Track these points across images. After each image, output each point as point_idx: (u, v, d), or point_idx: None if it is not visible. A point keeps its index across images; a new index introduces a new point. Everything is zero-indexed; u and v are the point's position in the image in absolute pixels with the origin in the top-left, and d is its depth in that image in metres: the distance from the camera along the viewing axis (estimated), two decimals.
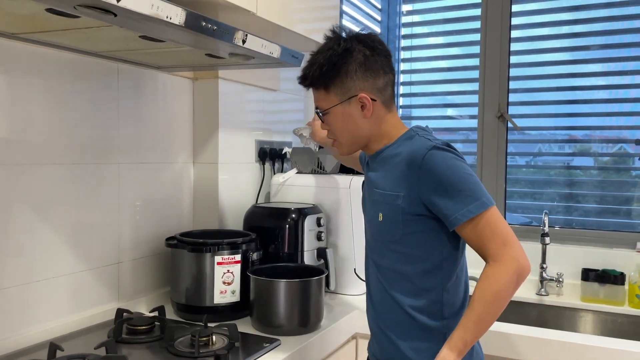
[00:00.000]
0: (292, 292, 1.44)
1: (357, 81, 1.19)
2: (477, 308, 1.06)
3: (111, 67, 1.52)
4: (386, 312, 1.22)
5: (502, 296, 1.06)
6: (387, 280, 1.21)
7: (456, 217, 1.08)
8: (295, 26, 1.71)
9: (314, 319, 1.46)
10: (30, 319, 1.33)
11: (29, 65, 1.30)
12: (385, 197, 1.18)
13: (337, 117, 1.23)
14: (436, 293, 1.16)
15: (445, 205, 1.09)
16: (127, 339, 1.34)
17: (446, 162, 1.10)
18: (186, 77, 1.81)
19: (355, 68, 1.19)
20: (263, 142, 2.06)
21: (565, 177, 2.22)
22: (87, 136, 1.46)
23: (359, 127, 1.23)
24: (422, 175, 1.11)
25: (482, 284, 1.07)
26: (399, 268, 1.18)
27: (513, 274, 1.06)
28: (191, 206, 1.86)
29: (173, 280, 1.59)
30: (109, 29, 1.11)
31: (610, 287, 1.87)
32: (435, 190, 1.10)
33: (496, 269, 1.07)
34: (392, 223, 1.17)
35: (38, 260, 1.34)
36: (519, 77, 2.25)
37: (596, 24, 2.16)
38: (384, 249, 1.20)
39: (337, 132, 1.26)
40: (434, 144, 1.12)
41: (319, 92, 1.24)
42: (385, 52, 1.22)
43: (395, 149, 1.21)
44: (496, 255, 1.07)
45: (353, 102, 1.20)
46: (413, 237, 1.15)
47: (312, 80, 1.23)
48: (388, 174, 1.19)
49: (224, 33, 1.19)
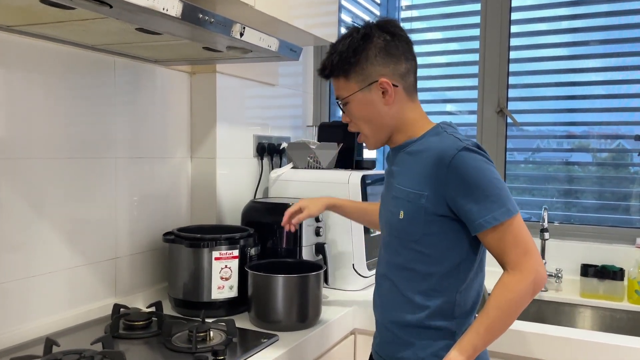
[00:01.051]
0: (291, 288, 1.43)
1: (378, 66, 1.16)
2: (492, 315, 1.05)
3: (108, 61, 1.51)
4: (394, 310, 1.19)
5: (518, 305, 1.06)
6: (399, 278, 1.18)
7: (480, 223, 1.07)
8: (294, 20, 1.70)
9: (312, 315, 1.46)
10: (27, 314, 1.32)
11: (25, 59, 1.29)
12: (408, 195, 1.14)
13: (358, 105, 1.19)
14: (449, 294, 1.14)
15: (470, 209, 1.07)
16: (124, 335, 1.34)
17: (475, 164, 1.08)
18: (184, 71, 1.80)
19: (375, 53, 1.16)
20: (261, 137, 2.05)
21: (563, 173, 2.21)
22: (84, 130, 1.45)
23: (381, 115, 1.19)
24: (449, 177, 1.08)
25: (499, 292, 1.06)
26: (415, 267, 1.15)
27: (531, 284, 1.05)
28: (189, 201, 1.85)
29: (170, 276, 1.58)
30: (105, 21, 1.10)
31: (610, 283, 1.87)
32: (461, 192, 1.07)
33: (515, 277, 1.06)
34: (413, 222, 1.13)
35: (34, 255, 1.33)
36: (518, 72, 2.24)
37: (595, 19, 2.15)
38: (401, 247, 1.17)
39: (359, 123, 1.22)
40: (464, 145, 1.08)
41: (339, 81, 1.20)
42: (406, 39, 1.19)
43: (420, 144, 1.17)
44: (516, 264, 1.06)
45: (374, 88, 1.17)
46: (433, 238, 1.13)
47: (332, 69, 1.19)
48: (412, 170, 1.16)
49: (221, 25, 1.18)
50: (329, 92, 2.54)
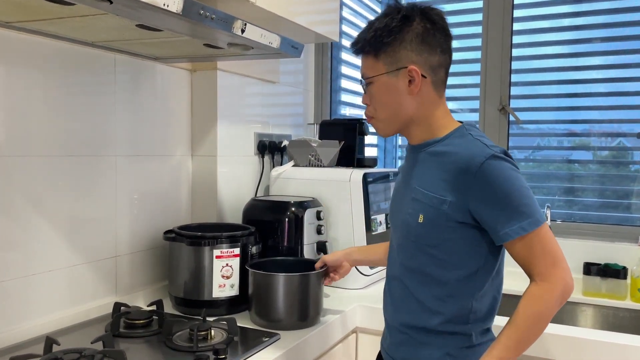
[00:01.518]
0: (292, 286, 1.42)
1: (410, 53, 1.11)
2: (521, 328, 1.04)
3: (108, 58, 1.50)
4: (407, 313, 1.17)
5: (547, 317, 1.05)
6: (414, 282, 1.15)
7: (506, 233, 1.04)
8: (295, 17, 1.69)
9: (313, 313, 1.45)
10: (27, 313, 1.31)
11: (24, 55, 1.28)
12: (430, 199, 1.10)
13: (381, 88, 1.14)
14: (466, 300, 1.11)
15: (496, 219, 1.04)
16: (125, 333, 1.33)
17: (504, 173, 1.04)
18: (184, 68, 1.79)
19: (411, 38, 1.10)
20: (262, 135, 2.04)
21: (564, 171, 2.20)
22: (84, 128, 1.44)
23: (402, 103, 1.14)
24: (476, 185, 1.04)
25: (528, 304, 1.04)
26: (431, 272, 1.12)
27: (559, 296, 1.04)
28: (189, 199, 1.84)
29: (171, 274, 1.57)
30: (105, 17, 1.09)
31: (612, 281, 1.86)
32: (487, 201, 1.04)
33: (543, 289, 1.04)
34: (433, 227, 1.10)
35: (34, 253, 1.32)
36: (520, 70, 2.23)
37: (598, 17, 2.14)
38: (417, 250, 1.14)
39: (377, 106, 1.16)
40: (492, 152, 1.05)
41: (367, 59, 1.15)
42: (446, 31, 1.15)
43: (444, 146, 1.13)
44: (544, 275, 1.04)
45: (401, 74, 1.12)
46: (452, 244, 1.09)
47: (363, 44, 1.14)
48: (434, 173, 1.12)
49: (222, 22, 1.17)
50: (330, 90, 2.53)
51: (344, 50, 2.55)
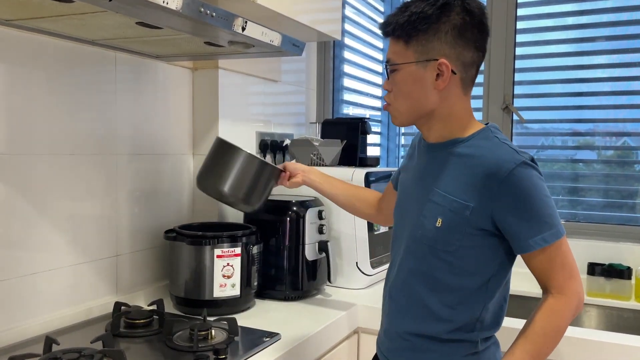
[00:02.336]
0: (249, 166, 1.32)
1: (444, 45, 1.04)
2: (539, 342, 1.02)
3: (109, 56, 1.49)
4: (414, 320, 1.12)
5: (563, 331, 1.03)
6: (423, 288, 1.11)
7: (529, 244, 1.01)
8: (297, 15, 1.68)
9: (255, 200, 1.35)
10: (27, 312, 1.30)
11: (25, 54, 1.28)
12: (451, 204, 1.05)
13: (407, 77, 1.08)
14: (476, 309, 1.08)
15: (519, 228, 1.02)
16: (125, 333, 1.32)
17: (532, 182, 1.01)
18: (185, 67, 1.78)
19: (447, 29, 1.03)
20: (264, 134, 2.04)
21: (568, 171, 2.19)
22: (85, 127, 1.43)
23: (426, 97, 1.08)
24: (502, 191, 1.01)
25: (545, 318, 1.03)
26: (443, 278, 1.08)
27: (575, 309, 1.03)
28: (191, 198, 1.83)
29: (172, 274, 1.56)
30: (105, 15, 1.08)
31: (617, 282, 1.85)
32: (513, 210, 1.01)
33: (561, 302, 1.03)
34: (452, 232, 1.05)
35: (35, 252, 1.32)
36: (524, 69, 2.22)
37: (602, 15, 2.12)
38: (431, 255, 1.09)
39: (398, 95, 1.10)
40: (522, 159, 1.01)
41: (397, 44, 1.07)
42: (485, 28, 1.08)
43: (468, 147, 1.08)
44: (561, 287, 1.03)
45: (430, 66, 1.05)
46: (470, 251, 1.06)
47: (395, 27, 1.06)
48: (456, 175, 1.07)
49: (222, 19, 1.16)
50: (333, 89, 2.52)
51: (346, 49, 2.53)
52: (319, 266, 1.73)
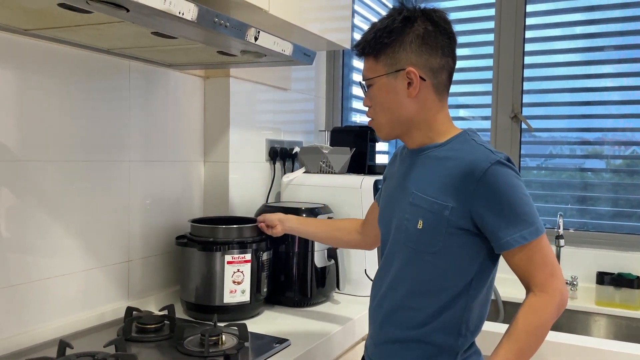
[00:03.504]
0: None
1: (410, 54, 1.09)
2: (522, 340, 1.03)
3: (123, 65, 1.52)
4: (398, 324, 1.13)
5: (547, 329, 1.04)
6: (408, 291, 1.12)
7: (508, 241, 1.03)
8: (307, 25, 1.70)
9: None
10: (41, 316, 1.32)
11: (41, 62, 1.30)
12: (431, 205, 1.07)
13: (381, 89, 1.13)
14: (458, 311, 1.09)
15: (498, 226, 1.03)
16: (137, 338, 1.34)
17: (508, 180, 1.03)
18: (197, 75, 1.81)
19: (411, 39, 1.09)
20: (274, 142, 2.05)
21: (577, 179, 2.19)
22: (98, 133, 1.46)
23: (402, 106, 1.12)
24: (479, 190, 1.03)
25: (527, 316, 1.04)
26: (427, 279, 1.09)
27: (557, 307, 1.04)
28: (201, 205, 1.85)
29: (183, 279, 1.58)
30: (121, 25, 1.10)
31: (626, 291, 1.84)
32: (490, 208, 1.03)
33: (542, 300, 1.04)
34: (433, 233, 1.07)
35: (48, 257, 1.34)
36: (532, 78, 2.23)
37: (610, 25, 2.13)
38: (416, 257, 1.11)
39: (377, 108, 1.15)
40: (497, 158, 1.04)
41: (368, 60, 1.14)
42: (449, 33, 1.12)
43: (445, 151, 1.11)
44: (542, 285, 1.04)
45: (400, 76, 1.10)
46: (451, 251, 1.07)
47: (364, 46, 1.13)
48: (435, 178, 1.09)
49: (236, 29, 1.18)
50: (342, 97, 2.53)
51: (355, 57, 2.55)
52: (328, 273, 1.74)
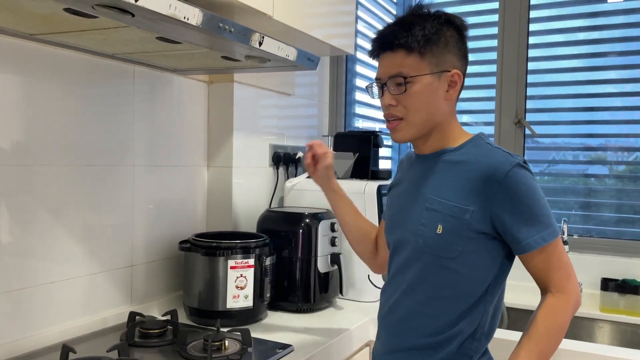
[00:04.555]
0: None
1: (453, 57, 1.10)
2: (543, 341, 1.04)
3: (127, 70, 1.52)
4: (413, 331, 1.12)
5: (564, 330, 1.05)
6: (425, 297, 1.11)
7: (529, 243, 1.04)
8: (311, 30, 1.70)
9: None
10: (44, 320, 1.32)
11: (45, 67, 1.31)
12: (451, 209, 1.07)
13: (424, 89, 1.08)
14: (477, 315, 1.09)
15: (518, 229, 1.04)
16: (140, 343, 1.34)
17: (528, 182, 1.04)
18: (201, 80, 1.81)
19: (453, 42, 1.10)
20: (277, 147, 2.06)
21: (580, 185, 2.18)
22: (102, 138, 1.46)
23: (438, 108, 1.11)
24: (500, 193, 1.03)
25: (548, 317, 1.05)
26: (446, 285, 1.09)
27: (573, 307, 1.06)
28: (205, 210, 1.85)
29: (186, 284, 1.58)
30: (127, 30, 1.11)
31: (630, 297, 1.84)
32: (511, 211, 1.03)
33: (561, 301, 1.05)
34: (453, 238, 1.06)
35: (51, 262, 1.34)
36: (536, 83, 2.23)
37: (614, 31, 2.13)
38: (434, 264, 1.09)
39: (412, 109, 1.09)
40: (517, 161, 1.04)
41: (410, 56, 1.07)
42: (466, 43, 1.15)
43: (460, 155, 1.11)
44: (560, 286, 1.06)
45: (443, 77, 1.09)
46: (471, 256, 1.07)
47: (411, 41, 1.06)
48: (453, 182, 1.09)
49: (240, 35, 1.19)
50: (345, 102, 2.54)
51: (359, 63, 2.56)
52: (331, 278, 1.73)
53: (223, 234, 1.67)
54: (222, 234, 1.67)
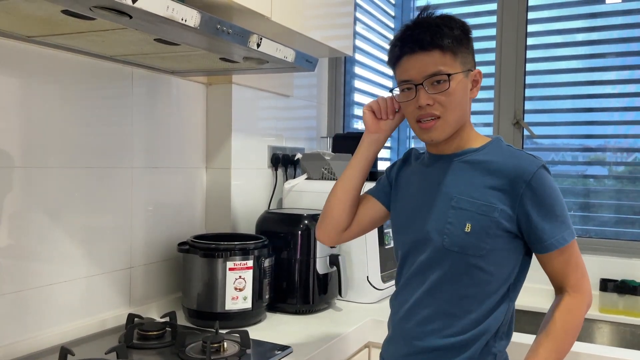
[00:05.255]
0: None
1: (473, 58, 1.15)
2: (560, 339, 1.07)
3: (126, 72, 1.52)
4: (437, 331, 1.11)
5: (580, 328, 1.09)
6: (450, 296, 1.11)
7: (552, 243, 1.07)
8: (309, 32, 1.70)
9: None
10: (42, 323, 1.32)
11: (44, 69, 1.31)
12: (479, 207, 1.08)
13: (459, 87, 1.10)
14: (501, 313, 1.11)
15: (542, 228, 1.07)
16: (138, 345, 1.33)
17: (552, 184, 1.09)
18: (200, 82, 1.81)
19: (471, 44, 1.15)
20: (276, 148, 2.06)
21: (579, 186, 2.18)
22: (101, 140, 1.46)
23: (467, 106, 1.15)
24: (527, 193, 1.06)
25: (565, 316, 1.08)
26: (473, 284, 1.09)
27: (587, 307, 1.11)
28: (203, 211, 1.85)
29: (185, 286, 1.58)
30: (124, 32, 1.11)
31: (630, 298, 1.83)
32: (537, 210, 1.07)
33: (577, 300, 1.09)
34: (482, 236, 1.07)
35: (50, 264, 1.33)
36: (534, 84, 2.23)
37: (612, 32, 2.13)
38: (461, 261, 1.09)
39: (450, 106, 1.10)
40: (542, 163, 1.09)
41: (446, 55, 1.08)
42: None
43: (483, 155, 1.13)
44: (576, 286, 1.10)
45: (471, 76, 1.13)
46: (498, 255, 1.09)
47: (450, 39, 1.08)
48: (479, 181, 1.10)
49: (238, 36, 1.19)
50: (344, 103, 2.54)
51: (357, 64, 2.56)
52: (330, 280, 1.73)
53: (222, 235, 1.67)
54: (221, 235, 1.67)
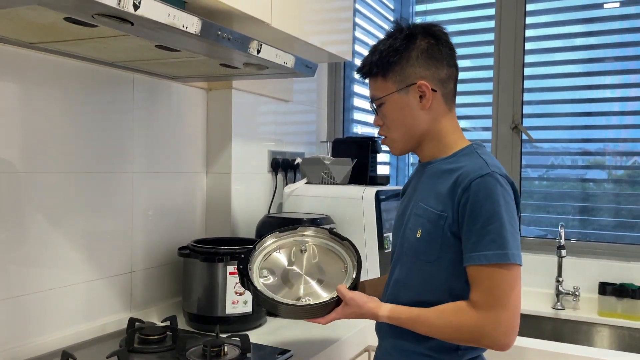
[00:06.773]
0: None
1: (418, 68, 1.12)
2: (430, 320, 1.05)
3: (126, 77, 1.53)
4: (398, 335, 1.14)
5: (450, 333, 1.04)
6: (408, 300, 1.12)
7: (471, 256, 1.02)
8: (309, 37, 1.72)
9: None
10: (43, 327, 1.32)
11: (45, 75, 1.32)
12: (429, 215, 1.09)
13: (394, 107, 1.14)
14: None
15: (467, 238, 1.03)
16: (139, 349, 1.34)
17: (491, 192, 1.01)
18: (200, 87, 1.82)
19: (417, 55, 1.12)
20: (276, 153, 2.07)
21: (579, 190, 2.19)
22: (102, 145, 1.47)
23: (416, 120, 1.14)
24: (463, 199, 1.04)
25: (452, 312, 1.04)
26: (425, 290, 1.10)
27: (478, 333, 1.01)
28: (204, 216, 1.86)
29: (185, 290, 1.58)
30: (126, 39, 1.12)
31: (628, 302, 1.84)
32: (468, 218, 1.03)
33: (470, 313, 1.02)
34: (430, 242, 1.08)
35: (50, 269, 1.34)
36: (533, 89, 2.24)
37: (610, 36, 2.15)
38: (414, 267, 1.12)
39: (391, 126, 1.17)
40: (489, 171, 1.03)
41: (376, 80, 1.16)
42: (450, 45, 1.16)
43: (450, 163, 1.13)
44: (480, 306, 1.01)
45: (411, 90, 1.13)
46: (448, 263, 1.07)
47: (370, 67, 1.16)
48: (435, 188, 1.11)
49: (238, 42, 1.20)
50: (343, 108, 2.55)
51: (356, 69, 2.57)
52: None
53: (222, 239, 1.68)
54: (221, 239, 1.68)
